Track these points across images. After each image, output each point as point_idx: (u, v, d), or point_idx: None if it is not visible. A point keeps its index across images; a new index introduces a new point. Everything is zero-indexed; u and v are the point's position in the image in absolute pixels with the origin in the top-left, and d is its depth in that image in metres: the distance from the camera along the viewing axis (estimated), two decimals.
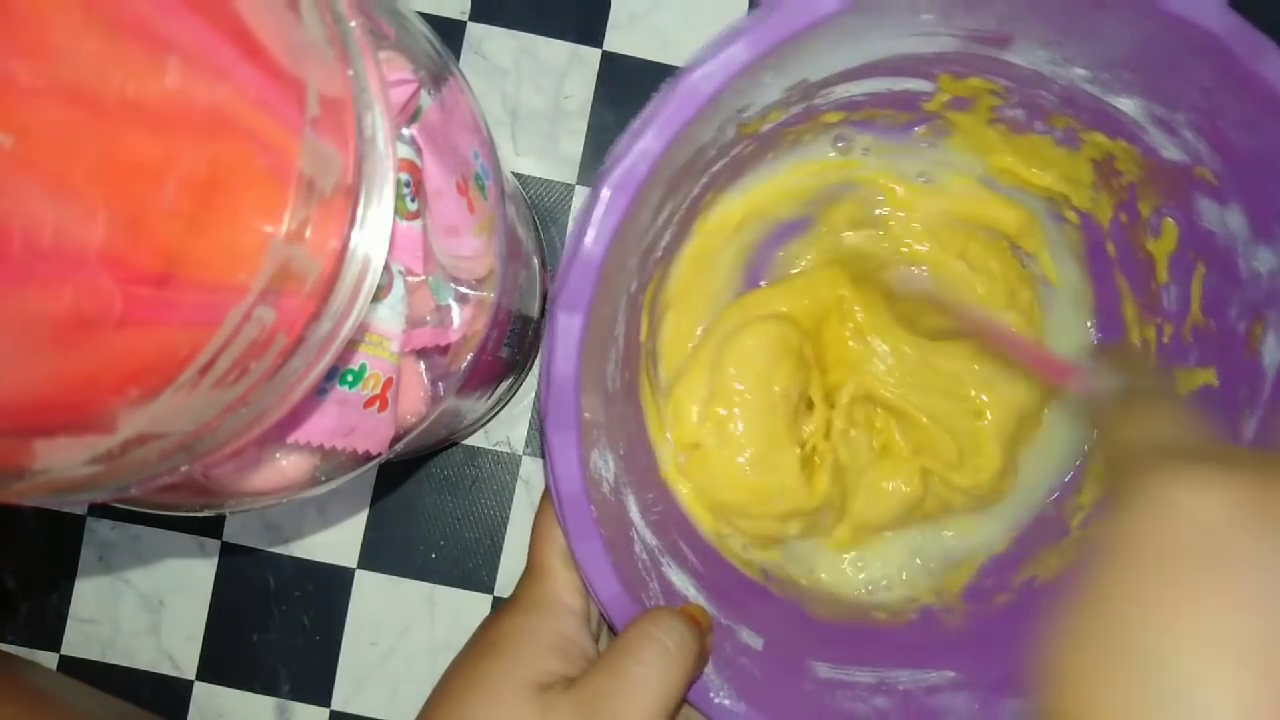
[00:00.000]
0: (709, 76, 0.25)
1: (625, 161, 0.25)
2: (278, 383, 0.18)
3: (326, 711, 0.41)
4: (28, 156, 0.14)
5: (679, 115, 0.25)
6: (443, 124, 0.26)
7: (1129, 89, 0.29)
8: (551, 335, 0.26)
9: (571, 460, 0.26)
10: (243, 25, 0.17)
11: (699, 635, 0.26)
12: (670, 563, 0.31)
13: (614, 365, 0.31)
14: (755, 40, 0.25)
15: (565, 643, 0.27)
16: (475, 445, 0.41)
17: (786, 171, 0.36)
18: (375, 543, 0.41)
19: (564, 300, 0.26)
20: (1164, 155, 0.31)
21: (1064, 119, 0.32)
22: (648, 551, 0.30)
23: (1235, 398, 0.32)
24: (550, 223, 0.42)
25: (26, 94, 0.14)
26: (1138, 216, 0.33)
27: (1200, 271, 0.32)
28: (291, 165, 0.17)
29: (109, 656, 0.41)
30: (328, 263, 0.18)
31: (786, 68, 0.28)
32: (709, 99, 0.25)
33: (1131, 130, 0.31)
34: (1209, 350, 0.33)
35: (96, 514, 0.41)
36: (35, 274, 0.14)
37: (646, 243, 0.31)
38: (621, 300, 0.30)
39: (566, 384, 0.26)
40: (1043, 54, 0.29)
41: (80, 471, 0.18)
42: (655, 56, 0.41)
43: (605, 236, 0.26)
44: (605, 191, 0.25)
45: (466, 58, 0.41)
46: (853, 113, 0.34)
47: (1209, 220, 0.31)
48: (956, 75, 0.31)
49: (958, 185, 0.37)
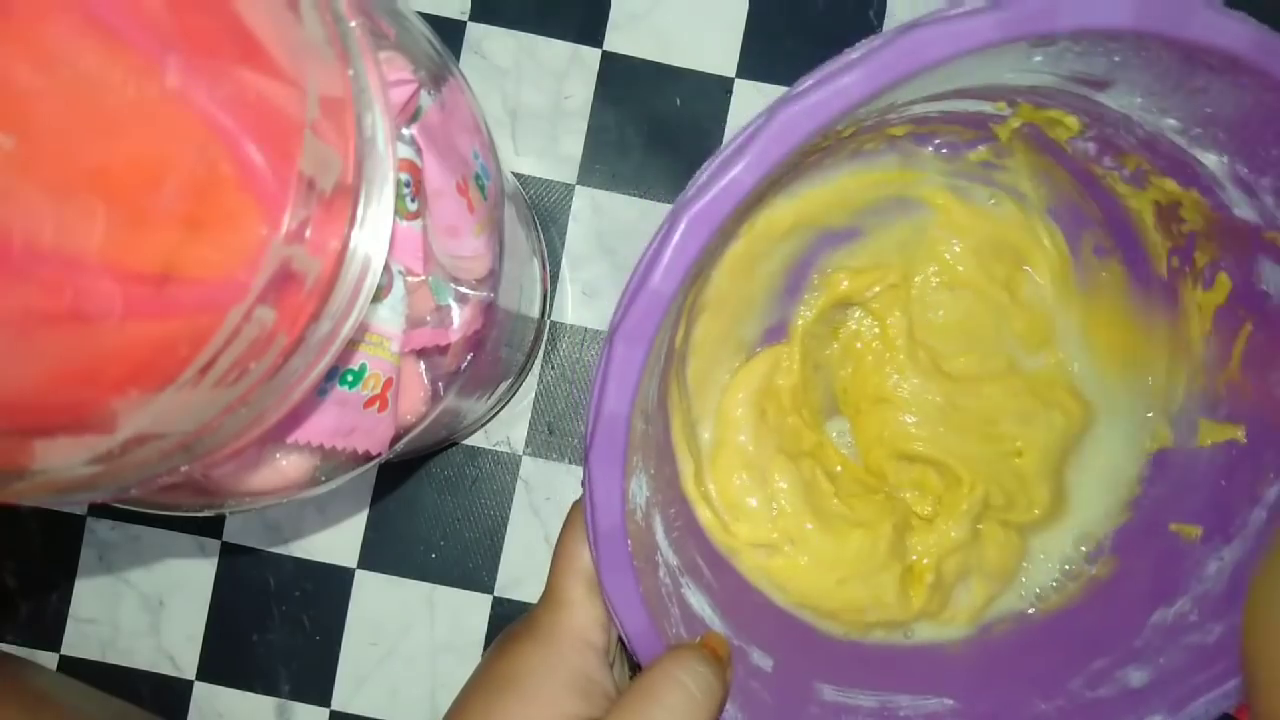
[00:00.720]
0: (816, 109, 0.22)
1: (712, 192, 0.23)
2: (278, 383, 0.18)
3: (326, 711, 0.41)
4: (28, 156, 0.14)
5: (777, 148, 0.23)
6: (443, 124, 0.26)
7: (1218, 147, 0.28)
8: (606, 366, 0.24)
9: (614, 495, 0.25)
10: (243, 25, 0.17)
11: (721, 673, 0.26)
12: (689, 583, 0.31)
13: (654, 380, 0.29)
14: (870, 76, 0.22)
15: (586, 682, 0.26)
16: (475, 445, 0.41)
17: (842, 180, 0.34)
18: (375, 543, 0.41)
19: (626, 331, 0.24)
20: (1236, 213, 0.30)
21: (1136, 159, 0.31)
22: (670, 574, 0.30)
23: (1261, 461, 0.31)
24: (550, 223, 0.42)
25: (26, 94, 0.14)
26: (1191, 265, 0.33)
27: (1247, 330, 0.32)
28: (291, 165, 0.17)
29: (109, 656, 0.41)
30: (328, 263, 0.18)
31: (885, 97, 0.25)
32: (811, 133, 0.23)
33: (1208, 184, 0.30)
34: (1240, 408, 0.32)
35: (96, 514, 0.41)
36: (35, 274, 0.14)
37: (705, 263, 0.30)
38: (672, 319, 0.29)
39: (619, 420, 0.24)
40: (1139, 100, 0.28)
41: (80, 471, 0.18)
42: (655, 56, 0.41)
43: (679, 270, 0.23)
44: (685, 222, 0.23)
45: (466, 58, 0.41)
46: (919, 126, 0.32)
47: (1268, 283, 0.30)
48: (1038, 105, 0.30)
49: (1010, 210, 0.36)
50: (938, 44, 0.22)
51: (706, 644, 0.27)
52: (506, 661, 0.27)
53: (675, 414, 0.34)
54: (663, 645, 0.26)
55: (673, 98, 0.41)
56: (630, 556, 0.25)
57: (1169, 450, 0.35)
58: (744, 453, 0.35)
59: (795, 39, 0.41)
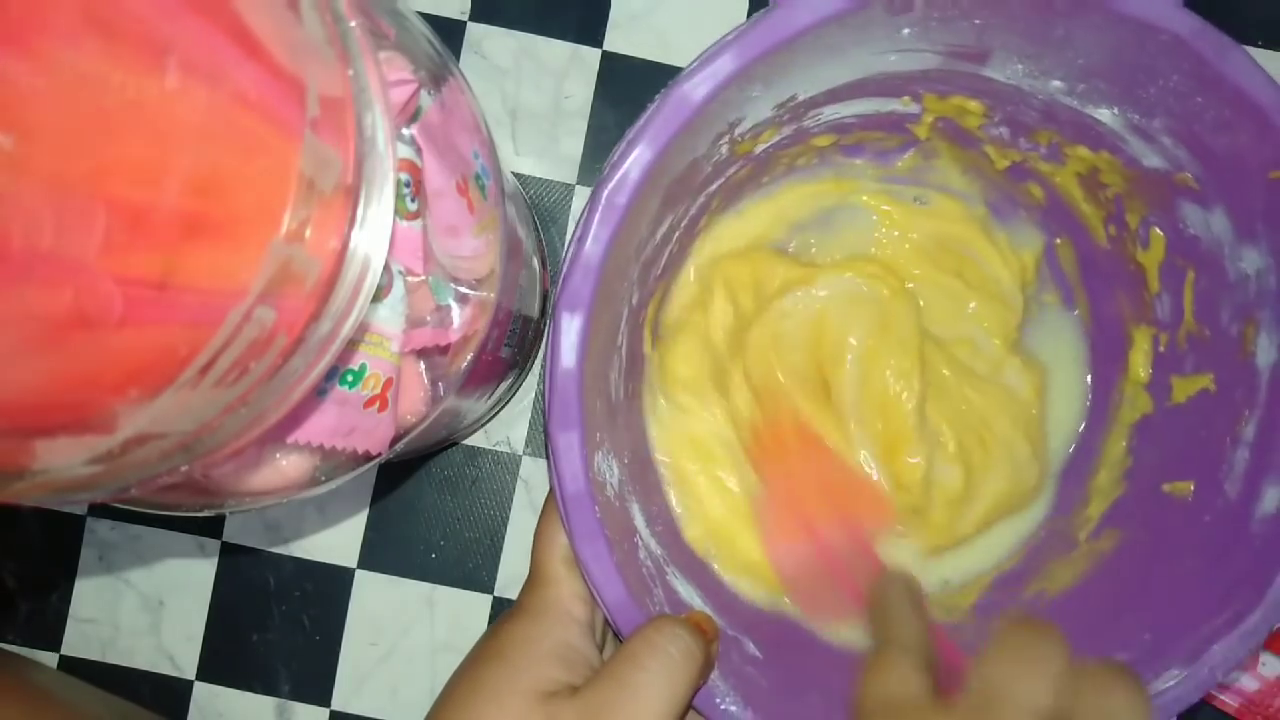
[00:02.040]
0: (698, 85, 0.26)
1: (621, 168, 0.26)
2: (278, 383, 0.18)
3: (326, 711, 0.41)
4: (28, 156, 0.14)
5: (671, 123, 0.26)
6: (443, 124, 0.26)
7: (1105, 99, 0.30)
8: (555, 334, 0.26)
9: (575, 459, 0.26)
10: (243, 25, 0.17)
11: (704, 643, 0.26)
12: (675, 573, 0.31)
13: (617, 374, 0.31)
14: (741, 50, 0.26)
15: (569, 651, 0.27)
16: (475, 445, 0.41)
17: (781, 193, 0.36)
18: (375, 543, 0.41)
19: (565, 300, 0.26)
20: (1145, 164, 0.31)
21: (1048, 134, 0.32)
22: (652, 559, 0.30)
23: (1233, 401, 0.32)
24: (550, 223, 0.42)
25: (26, 94, 0.14)
26: (1126, 228, 0.34)
27: (1190, 278, 0.32)
28: (291, 165, 0.17)
29: (109, 656, 0.41)
30: (328, 263, 0.18)
31: (774, 81, 0.28)
32: (699, 107, 0.26)
33: (1112, 141, 0.31)
34: (1205, 356, 0.33)
35: (96, 514, 0.41)
36: (35, 274, 0.14)
37: (646, 255, 0.31)
38: (624, 310, 0.31)
39: (570, 382, 0.26)
40: (1020, 68, 0.30)
41: (80, 471, 0.18)
42: (655, 56, 0.41)
43: (603, 239, 0.26)
44: (602, 197, 0.26)
45: (466, 58, 0.41)
46: (843, 136, 0.34)
47: (1194, 225, 0.31)
48: (940, 94, 0.32)
49: (950, 206, 0.37)
50: (797, 16, 0.26)
51: (691, 619, 0.28)
52: (494, 638, 0.28)
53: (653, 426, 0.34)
54: (642, 615, 0.27)
55: None
56: (600, 523, 0.26)
57: (1150, 415, 0.35)
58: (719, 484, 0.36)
59: None
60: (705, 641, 0.27)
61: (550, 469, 0.27)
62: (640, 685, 0.25)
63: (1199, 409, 0.33)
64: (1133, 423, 0.36)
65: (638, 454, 0.33)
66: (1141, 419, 0.36)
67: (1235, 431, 0.31)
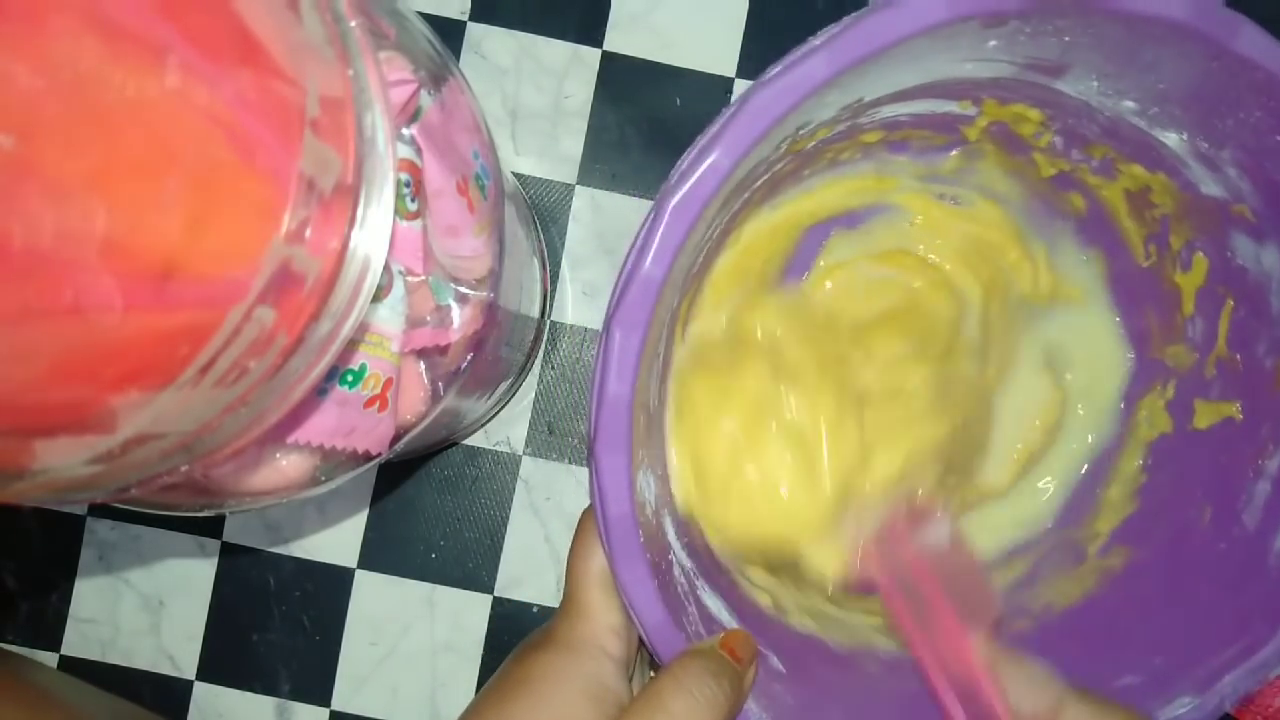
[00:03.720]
0: (783, 93, 0.24)
1: (692, 178, 0.24)
2: (278, 383, 0.18)
3: (326, 711, 0.41)
4: (28, 156, 0.14)
5: (749, 133, 0.24)
6: (443, 124, 0.26)
7: (1176, 124, 0.29)
8: (607, 353, 0.25)
9: (622, 484, 0.25)
10: (242, 25, 0.17)
11: (734, 676, 0.26)
12: (705, 586, 0.31)
13: (656, 382, 0.30)
14: (833, 58, 0.24)
15: (600, 690, 0.26)
16: (475, 445, 0.41)
17: (821, 189, 0.35)
18: (375, 543, 0.41)
19: (621, 317, 0.24)
20: (1203, 190, 0.30)
21: (1103, 149, 0.32)
22: (685, 575, 0.30)
23: (1258, 434, 0.31)
24: (550, 223, 0.42)
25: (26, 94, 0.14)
26: (1167, 249, 0.33)
27: (1229, 306, 0.32)
28: (291, 165, 0.17)
29: (109, 656, 0.41)
30: (328, 262, 0.18)
31: (850, 86, 0.27)
32: (780, 117, 0.24)
33: (1172, 164, 0.30)
34: (1233, 384, 0.32)
35: (96, 514, 0.41)
36: (35, 274, 0.14)
37: (696, 260, 0.30)
38: (668, 318, 0.29)
39: (621, 404, 0.25)
40: (1095, 84, 0.29)
41: (80, 471, 0.18)
42: (655, 56, 0.41)
43: (667, 255, 0.24)
44: (669, 208, 0.24)
45: (466, 58, 0.41)
46: (891, 132, 0.33)
47: (1243, 257, 0.31)
48: (1001, 100, 0.31)
49: (987, 210, 0.36)
50: (895, 25, 0.24)
51: (726, 644, 0.27)
52: (521, 667, 0.26)
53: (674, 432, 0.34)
54: (682, 640, 0.26)
55: (673, 98, 0.41)
56: (642, 546, 0.25)
57: (1168, 435, 0.35)
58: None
59: (795, 39, 0.41)
60: (737, 673, 0.26)
61: (593, 490, 0.25)
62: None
63: (1221, 436, 0.33)
64: (1150, 440, 0.36)
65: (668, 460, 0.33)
66: (1159, 438, 0.35)
67: (1258, 464, 0.31)
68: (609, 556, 0.26)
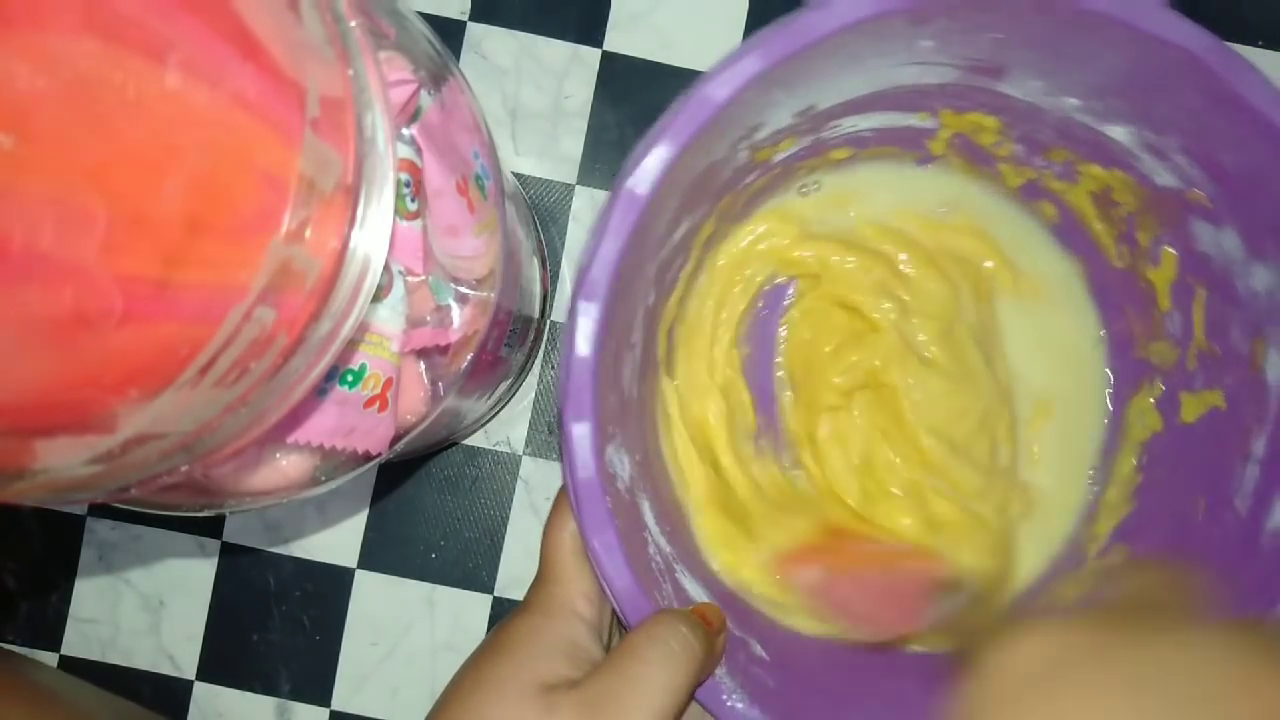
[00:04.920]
0: (722, 85, 0.26)
1: (641, 162, 0.26)
2: (278, 383, 0.18)
3: (326, 711, 0.41)
4: (28, 157, 0.14)
5: (692, 122, 0.26)
6: (443, 124, 0.26)
7: (1120, 117, 0.30)
8: (571, 323, 0.26)
9: (588, 449, 0.26)
10: (242, 25, 0.17)
11: (707, 636, 0.26)
12: (684, 571, 0.31)
13: (631, 371, 0.31)
14: (764, 53, 0.26)
15: (574, 649, 0.27)
16: (475, 445, 0.41)
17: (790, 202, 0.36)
18: (375, 543, 0.41)
19: (583, 291, 0.26)
20: (1158, 182, 0.31)
21: (1062, 152, 0.32)
22: (662, 557, 0.30)
23: (1243, 418, 0.32)
24: (550, 223, 0.42)
25: (26, 94, 0.14)
26: (1137, 247, 0.34)
27: (1201, 296, 0.32)
28: (292, 165, 0.17)
29: (109, 656, 0.41)
30: (328, 262, 0.18)
31: (795, 87, 0.28)
32: (721, 107, 0.26)
33: (1125, 159, 0.31)
34: (1214, 373, 0.33)
35: (96, 514, 0.41)
36: (35, 274, 0.14)
37: (664, 256, 0.31)
38: (639, 310, 0.30)
39: (585, 370, 0.26)
40: (1037, 84, 0.30)
41: (80, 471, 0.18)
42: (655, 56, 0.41)
43: (623, 232, 0.26)
44: (622, 189, 0.26)
45: (466, 58, 0.41)
46: (861, 150, 0.34)
47: (1205, 244, 0.31)
48: (957, 110, 0.32)
49: (962, 220, 0.37)
50: (821, 21, 0.26)
51: (698, 610, 0.28)
52: (502, 631, 0.28)
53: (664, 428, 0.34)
54: (650, 606, 0.27)
55: (672, 98, 0.41)
56: (611, 513, 0.26)
57: (1159, 433, 0.35)
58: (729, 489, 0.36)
59: None
60: (710, 634, 0.27)
61: (563, 459, 0.27)
62: (640, 677, 0.25)
63: (1209, 426, 0.33)
64: (1143, 440, 0.36)
65: (649, 454, 0.33)
66: (1151, 437, 0.35)
67: (1246, 448, 0.31)
68: (578, 521, 0.27)
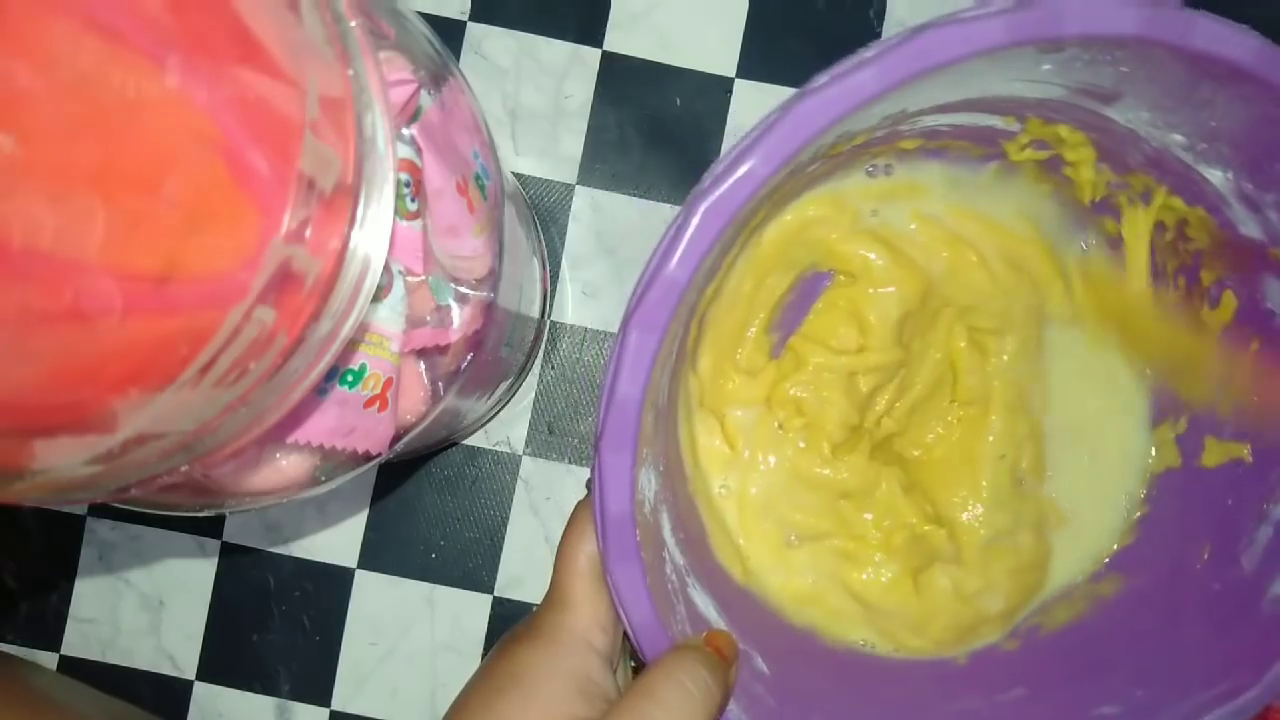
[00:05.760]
0: (829, 104, 0.23)
1: (726, 183, 0.23)
2: (278, 383, 0.18)
3: (326, 711, 0.41)
4: (28, 157, 0.14)
5: (790, 142, 0.23)
6: (443, 124, 0.26)
7: (1224, 162, 0.29)
8: (621, 353, 0.24)
9: (624, 483, 0.25)
10: (242, 25, 0.17)
11: (723, 673, 0.26)
12: (695, 584, 0.31)
13: (667, 378, 0.30)
14: (884, 73, 0.23)
15: (587, 684, 0.26)
16: (475, 445, 0.41)
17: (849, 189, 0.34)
18: (375, 543, 0.41)
19: (640, 319, 0.24)
20: (1241, 230, 0.30)
21: (1144, 178, 0.31)
22: (676, 572, 0.30)
23: (1267, 478, 0.31)
24: (550, 223, 0.42)
25: (26, 94, 0.14)
26: (1197, 283, 0.33)
27: (1253, 349, 0.32)
28: (291, 165, 0.17)
29: (109, 656, 0.41)
30: (328, 262, 0.18)
31: (897, 100, 0.26)
32: (823, 129, 0.23)
33: (1214, 201, 0.30)
34: (1246, 427, 0.32)
35: (96, 514, 0.41)
36: (35, 274, 0.14)
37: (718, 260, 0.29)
38: (688, 318, 0.29)
39: (630, 405, 0.24)
40: (1145, 115, 0.28)
41: (80, 471, 0.18)
42: (655, 56, 0.41)
43: (693, 259, 0.24)
44: (699, 211, 0.24)
45: (466, 58, 0.41)
46: (930, 141, 0.33)
47: (1273, 301, 0.30)
48: (1047, 120, 0.30)
49: (1020, 225, 0.36)
50: (949, 45, 0.23)
51: (710, 642, 0.27)
52: (508, 661, 0.27)
53: (684, 419, 0.34)
54: (667, 640, 0.26)
55: (673, 98, 0.41)
56: (638, 546, 0.25)
57: (1175, 470, 0.35)
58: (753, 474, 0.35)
59: (795, 39, 0.41)
60: (724, 669, 0.26)
61: (594, 486, 0.25)
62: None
63: (1228, 476, 0.33)
64: (1156, 473, 0.35)
65: (672, 458, 0.33)
66: (1165, 471, 0.35)
67: (1263, 509, 0.31)
68: (604, 553, 0.26)
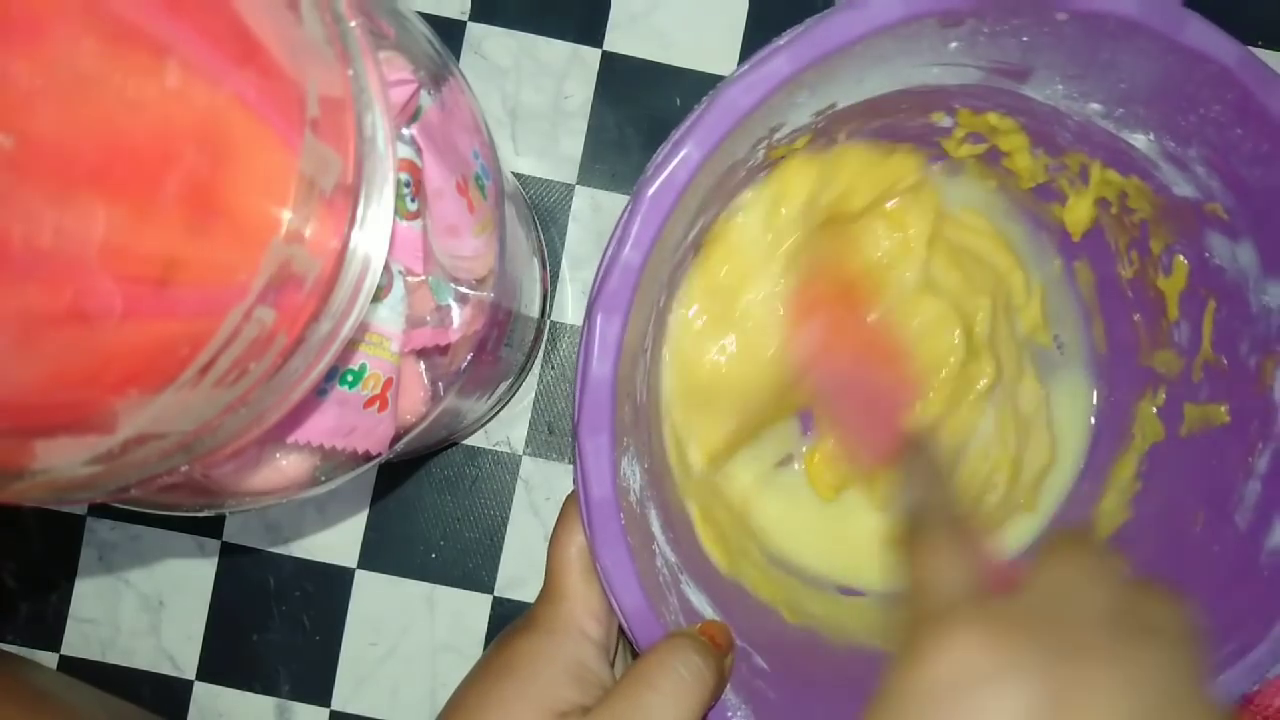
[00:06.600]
0: (750, 89, 0.25)
1: (666, 169, 0.25)
2: (278, 383, 0.18)
3: (326, 711, 0.41)
4: (28, 156, 0.14)
5: (719, 126, 0.25)
6: (443, 124, 0.26)
7: (1143, 124, 0.30)
8: (589, 337, 0.26)
9: (604, 465, 0.25)
10: (242, 26, 0.17)
11: (717, 660, 0.26)
12: (689, 580, 0.31)
13: (642, 376, 0.30)
14: (794, 56, 0.25)
15: (582, 670, 0.26)
16: (475, 445, 0.41)
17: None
18: (375, 543, 0.41)
19: (603, 302, 0.25)
20: (1175, 192, 0.31)
21: (1078, 156, 0.32)
22: (668, 567, 0.30)
23: (1247, 434, 0.32)
24: (550, 223, 0.42)
25: (26, 94, 0.14)
26: (1149, 254, 0.33)
27: (1211, 307, 0.32)
28: (291, 165, 0.17)
29: (109, 656, 0.41)
30: (328, 262, 0.18)
31: (820, 88, 0.28)
32: (748, 111, 0.25)
33: (1144, 167, 0.31)
34: (1220, 386, 0.33)
35: (96, 514, 0.41)
36: (35, 274, 0.14)
37: (677, 258, 0.31)
38: (651, 313, 0.30)
39: (603, 386, 0.25)
40: (1060, 88, 0.29)
41: (80, 471, 0.18)
42: (655, 56, 0.41)
43: (645, 242, 0.25)
44: (646, 197, 0.25)
45: (466, 58, 0.41)
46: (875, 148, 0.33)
47: (1220, 256, 0.31)
48: (975, 110, 0.31)
49: (970, 219, 0.37)
50: (853, 24, 0.25)
51: (705, 631, 0.27)
52: (504, 651, 0.27)
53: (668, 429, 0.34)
54: (660, 628, 0.26)
55: (673, 98, 0.41)
56: (624, 529, 0.26)
57: (1160, 443, 0.35)
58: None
59: None
60: (718, 657, 0.26)
61: (576, 474, 0.26)
62: (652, 706, 0.24)
63: (1211, 439, 0.33)
64: (1143, 450, 0.36)
65: (656, 458, 0.33)
66: (1152, 446, 0.35)
67: (1248, 464, 0.31)
68: (590, 539, 0.26)
